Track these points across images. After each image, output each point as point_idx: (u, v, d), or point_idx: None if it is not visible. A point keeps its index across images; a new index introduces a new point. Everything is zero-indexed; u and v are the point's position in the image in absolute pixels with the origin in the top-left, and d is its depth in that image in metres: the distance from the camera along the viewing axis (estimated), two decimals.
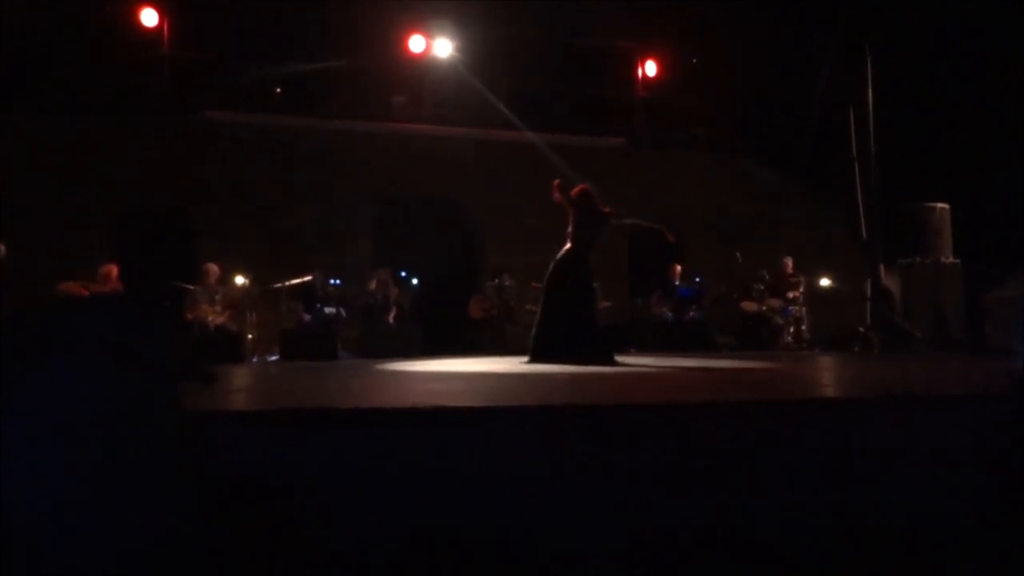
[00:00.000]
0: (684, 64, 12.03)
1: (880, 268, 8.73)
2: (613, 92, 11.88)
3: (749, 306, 9.78)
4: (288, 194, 9.92)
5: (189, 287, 8.17)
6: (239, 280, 8.60)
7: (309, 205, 9.94)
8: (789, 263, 9.86)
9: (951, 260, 8.54)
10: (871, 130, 8.86)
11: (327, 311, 8.76)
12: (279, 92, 10.44)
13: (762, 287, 9.71)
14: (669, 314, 9.95)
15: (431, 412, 2.39)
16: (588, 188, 6.19)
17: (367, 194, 10.38)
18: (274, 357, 8.19)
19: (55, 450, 1.49)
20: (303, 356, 7.86)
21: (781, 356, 7.58)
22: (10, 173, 8.34)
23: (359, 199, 10.30)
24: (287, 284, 8.54)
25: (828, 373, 4.95)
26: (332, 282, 9.13)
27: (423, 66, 10.73)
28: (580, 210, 6.06)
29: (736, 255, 9.83)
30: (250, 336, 8.36)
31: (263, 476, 1.96)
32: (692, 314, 9.90)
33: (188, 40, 9.93)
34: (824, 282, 10.05)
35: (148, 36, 9.82)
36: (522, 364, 5.65)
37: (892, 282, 8.62)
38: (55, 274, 7.36)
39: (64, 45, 9.14)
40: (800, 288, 9.55)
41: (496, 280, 9.76)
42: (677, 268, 10.21)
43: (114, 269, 7.73)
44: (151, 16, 9.77)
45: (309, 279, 8.68)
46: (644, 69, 11.89)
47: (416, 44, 10.50)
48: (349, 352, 8.51)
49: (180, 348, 2.10)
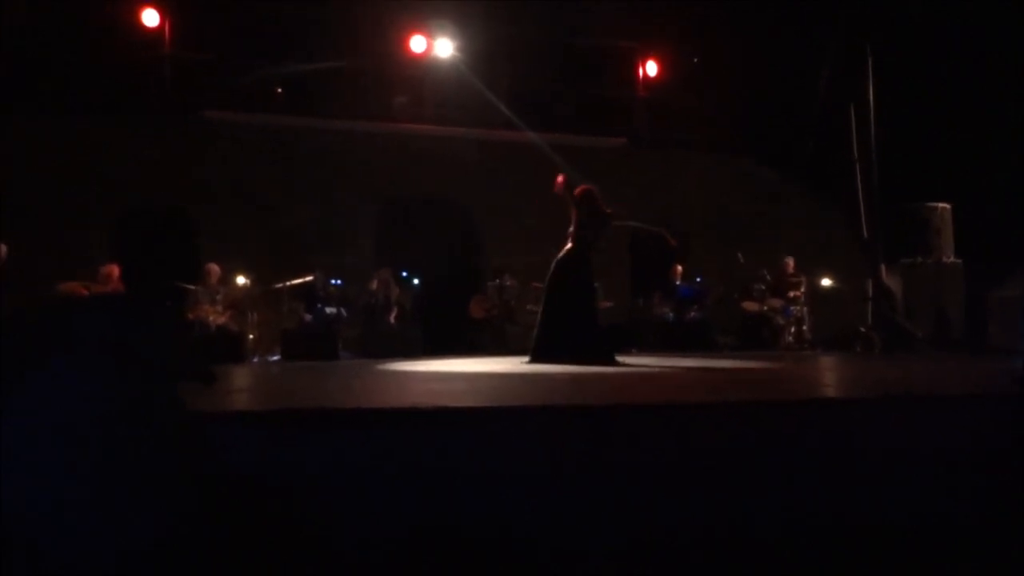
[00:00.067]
0: (684, 64, 12.00)
1: (881, 268, 8.71)
2: (613, 92, 11.86)
3: (750, 306, 9.77)
4: (289, 194, 9.92)
5: (190, 287, 8.19)
6: (240, 280, 8.62)
7: (310, 205, 9.93)
8: (790, 263, 9.86)
9: (952, 260, 8.52)
10: (872, 130, 8.85)
11: (328, 311, 8.77)
12: (280, 92, 10.44)
13: (763, 287, 9.71)
14: (670, 314, 9.95)
15: (432, 412, 2.39)
16: (592, 189, 6.17)
17: (368, 194, 10.37)
18: (275, 357, 8.20)
19: (55, 450, 1.49)
20: (304, 356, 7.87)
21: (782, 356, 7.57)
22: (10, 173, 8.34)
23: (360, 199, 10.29)
24: (288, 284, 8.55)
25: (829, 373, 4.94)
26: (333, 282, 9.14)
27: (424, 66, 10.73)
28: (583, 210, 6.05)
29: (738, 256, 9.83)
30: (251, 336, 8.39)
31: (263, 476, 1.96)
32: (693, 314, 9.90)
33: (189, 40, 9.92)
34: (825, 282, 10.05)
35: (149, 36, 9.81)
36: (523, 364, 5.66)
37: (893, 282, 8.60)
38: (55, 274, 7.36)
39: (64, 45, 9.14)
40: (801, 288, 9.55)
41: (497, 280, 9.76)
42: (678, 268, 10.22)
43: (115, 269, 7.73)
44: (152, 16, 9.77)
45: (310, 279, 8.69)
46: (644, 69, 11.88)
47: (417, 44, 10.50)
48: (350, 352, 8.52)
49: (180, 348, 2.10)
